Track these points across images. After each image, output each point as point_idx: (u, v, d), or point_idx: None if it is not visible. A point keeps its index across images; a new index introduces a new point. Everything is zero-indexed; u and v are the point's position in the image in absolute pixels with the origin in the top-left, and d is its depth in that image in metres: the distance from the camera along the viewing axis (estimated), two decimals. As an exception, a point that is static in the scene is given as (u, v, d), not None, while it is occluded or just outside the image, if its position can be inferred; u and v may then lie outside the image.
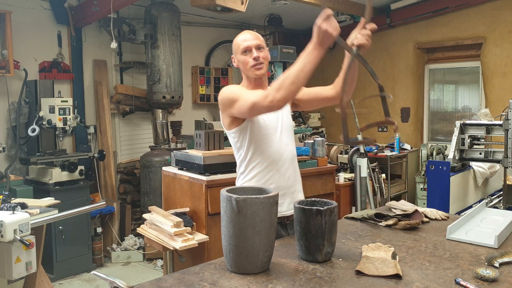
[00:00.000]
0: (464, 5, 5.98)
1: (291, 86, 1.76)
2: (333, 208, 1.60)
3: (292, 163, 2.14)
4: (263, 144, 2.05)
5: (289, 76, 1.76)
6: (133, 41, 5.24)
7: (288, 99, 1.82)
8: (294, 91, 1.79)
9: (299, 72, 1.74)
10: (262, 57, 2.05)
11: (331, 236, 1.59)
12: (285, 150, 2.10)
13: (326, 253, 1.59)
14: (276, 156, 2.06)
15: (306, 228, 1.58)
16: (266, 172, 2.06)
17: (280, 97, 1.79)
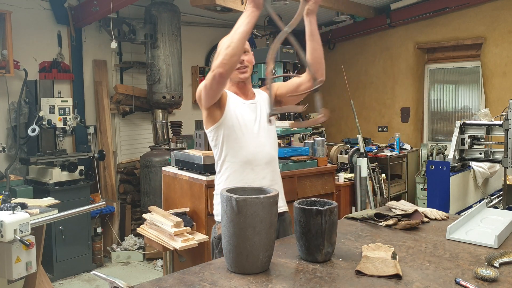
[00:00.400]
0: (464, 5, 5.98)
1: (226, 49, 1.79)
2: (333, 208, 1.60)
3: (269, 165, 2.10)
4: (237, 144, 2.04)
5: (225, 42, 1.82)
6: (133, 41, 5.24)
7: (226, 63, 1.80)
8: (230, 54, 1.79)
9: (233, 34, 1.80)
10: (246, 60, 2.08)
11: (331, 236, 1.59)
12: (261, 151, 2.07)
13: (326, 253, 1.59)
14: (250, 157, 2.04)
15: (306, 228, 1.58)
16: (239, 172, 2.04)
17: (217, 63, 1.81)
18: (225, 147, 2.06)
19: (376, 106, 7.12)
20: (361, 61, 7.17)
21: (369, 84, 7.14)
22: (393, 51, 6.83)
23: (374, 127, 7.14)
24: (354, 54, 7.21)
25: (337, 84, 7.16)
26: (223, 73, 1.82)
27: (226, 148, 2.06)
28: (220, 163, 2.10)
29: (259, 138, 2.08)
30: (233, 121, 2.03)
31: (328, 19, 6.85)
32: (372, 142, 6.81)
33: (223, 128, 2.04)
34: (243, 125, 2.05)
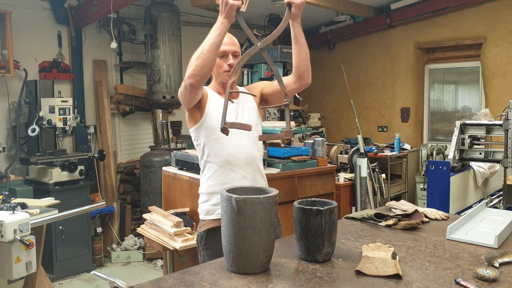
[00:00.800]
0: (464, 5, 5.98)
1: (197, 61, 1.80)
2: (333, 208, 1.60)
3: (250, 165, 2.08)
4: (217, 144, 2.04)
5: (196, 52, 1.82)
6: (133, 41, 5.24)
7: (196, 74, 1.81)
8: (200, 65, 1.80)
9: (204, 46, 1.81)
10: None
11: (331, 236, 1.59)
12: (241, 151, 2.06)
13: (326, 253, 1.59)
14: (230, 158, 2.04)
15: (306, 228, 1.58)
16: (220, 172, 2.05)
17: (189, 73, 1.82)
18: (206, 148, 2.07)
19: (376, 106, 7.12)
20: (361, 61, 7.17)
21: (369, 84, 7.14)
22: (393, 51, 6.83)
23: (374, 127, 7.14)
24: (354, 54, 7.21)
25: (337, 84, 7.16)
26: (194, 84, 1.85)
27: (207, 149, 2.07)
28: (202, 162, 2.12)
29: (239, 138, 2.06)
30: (213, 122, 2.03)
31: (328, 19, 6.85)
32: (372, 142, 6.81)
33: (203, 129, 2.06)
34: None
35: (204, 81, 1.90)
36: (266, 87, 2.18)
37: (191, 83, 1.84)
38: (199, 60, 1.80)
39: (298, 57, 1.99)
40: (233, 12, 1.75)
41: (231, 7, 1.74)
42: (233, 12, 1.75)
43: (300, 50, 1.98)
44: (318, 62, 7.45)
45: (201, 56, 1.80)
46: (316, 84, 2.04)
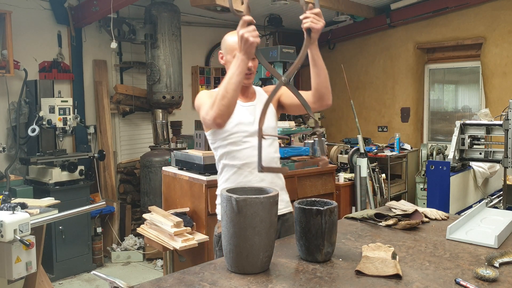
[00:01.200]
0: (464, 5, 5.98)
1: (222, 100, 1.78)
2: (333, 208, 1.60)
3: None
4: (234, 147, 2.03)
5: (219, 91, 1.79)
6: (133, 41, 5.24)
7: (223, 114, 1.80)
8: (226, 105, 1.78)
9: (226, 85, 1.77)
10: (254, 66, 2.04)
11: (331, 236, 1.59)
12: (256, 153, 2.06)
13: (326, 253, 1.59)
14: (247, 160, 2.03)
15: (306, 228, 1.58)
16: (238, 174, 2.04)
17: (214, 113, 1.80)
18: (223, 150, 2.06)
19: (376, 106, 7.12)
20: (361, 61, 7.17)
21: (369, 84, 7.15)
22: (393, 51, 6.83)
23: (374, 127, 7.14)
24: (354, 54, 7.22)
25: (337, 84, 7.15)
26: (221, 123, 1.84)
27: (224, 151, 2.06)
28: (220, 165, 2.11)
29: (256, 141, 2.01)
30: (230, 125, 2.01)
31: (328, 19, 6.85)
32: (372, 142, 6.81)
33: (221, 133, 2.03)
34: (239, 128, 2.04)
35: (229, 118, 1.87)
36: (285, 96, 2.14)
37: (219, 123, 1.83)
38: (225, 100, 1.78)
39: (317, 80, 1.94)
40: (252, 49, 1.70)
41: (251, 45, 1.69)
42: (253, 49, 1.70)
43: (318, 73, 1.92)
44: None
45: (226, 95, 1.77)
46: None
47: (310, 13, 1.73)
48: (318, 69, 1.91)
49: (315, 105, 2.01)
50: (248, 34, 1.68)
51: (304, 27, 1.73)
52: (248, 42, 1.68)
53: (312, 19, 1.72)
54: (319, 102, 2.00)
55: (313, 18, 1.72)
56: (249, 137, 2.04)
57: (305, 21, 1.73)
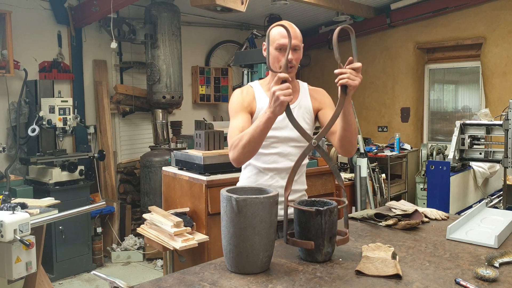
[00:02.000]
0: (464, 5, 5.98)
1: (243, 148, 1.80)
2: (333, 208, 1.60)
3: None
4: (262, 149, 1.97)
5: (243, 138, 1.79)
6: (133, 41, 5.24)
7: (240, 159, 1.85)
8: (246, 153, 1.81)
9: (250, 136, 1.77)
10: (295, 59, 1.95)
11: (331, 237, 1.59)
12: (283, 160, 2.00)
13: (326, 253, 1.59)
14: (273, 165, 2.00)
15: (306, 228, 1.58)
16: (260, 176, 2.03)
17: (232, 156, 1.85)
18: None
19: (376, 106, 7.12)
20: (361, 61, 7.02)
21: (369, 84, 7.14)
22: (393, 51, 6.83)
23: (374, 127, 7.14)
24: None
25: (337, 84, 7.15)
26: (240, 164, 1.91)
27: None
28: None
29: (285, 146, 2.01)
30: None
31: (328, 19, 6.85)
32: (372, 142, 6.82)
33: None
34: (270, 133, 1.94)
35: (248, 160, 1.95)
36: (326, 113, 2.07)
37: (237, 164, 1.90)
38: (246, 148, 1.80)
39: (342, 134, 1.88)
40: (283, 108, 1.65)
41: (281, 104, 1.63)
42: (283, 108, 1.65)
43: (346, 128, 1.85)
44: (318, 62, 7.45)
45: (247, 145, 1.79)
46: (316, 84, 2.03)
47: (348, 68, 1.64)
48: (347, 125, 1.84)
49: (338, 150, 2.00)
50: (281, 92, 1.62)
51: (340, 83, 1.64)
52: (279, 101, 1.63)
53: (349, 75, 1.63)
54: (342, 152, 1.99)
55: (350, 75, 1.64)
56: (277, 143, 2.00)
57: (341, 76, 1.64)
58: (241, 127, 1.90)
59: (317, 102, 2.09)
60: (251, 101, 2.01)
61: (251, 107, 2.00)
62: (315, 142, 1.67)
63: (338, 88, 1.67)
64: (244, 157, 1.84)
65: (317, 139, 1.68)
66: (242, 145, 1.79)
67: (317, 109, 2.08)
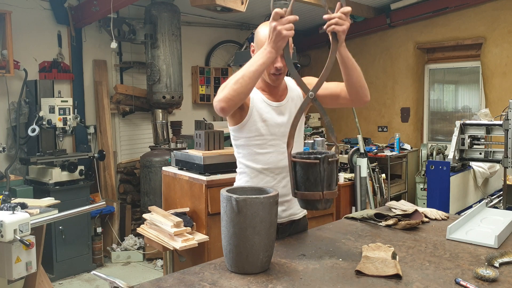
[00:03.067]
0: (464, 5, 5.98)
1: (234, 85, 1.66)
2: (331, 155, 1.56)
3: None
4: (259, 150, 1.94)
5: (235, 75, 1.68)
6: (133, 41, 5.24)
7: (230, 99, 1.67)
8: (237, 90, 1.66)
9: (245, 71, 1.66)
10: (284, 65, 1.89)
11: (330, 184, 1.56)
12: (284, 158, 1.91)
13: (326, 201, 1.56)
14: (272, 165, 1.95)
15: (305, 177, 1.54)
16: (260, 179, 1.95)
17: (221, 96, 1.68)
18: (246, 150, 1.96)
19: (376, 106, 7.11)
20: (361, 61, 7.11)
21: (369, 84, 7.00)
22: (393, 51, 6.83)
23: (374, 127, 7.14)
24: (354, 54, 7.00)
25: (337, 84, 7.15)
26: (226, 108, 1.70)
27: (247, 151, 1.96)
28: (240, 165, 2.03)
29: (283, 144, 1.94)
30: (257, 125, 1.90)
31: (328, 19, 6.85)
32: (372, 142, 6.81)
33: (245, 131, 1.93)
34: (266, 130, 1.93)
35: (236, 106, 1.74)
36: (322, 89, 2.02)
37: (223, 107, 1.69)
38: (237, 85, 1.65)
39: (349, 81, 1.83)
40: (283, 43, 1.60)
41: (283, 39, 1.59)
42: (284, 43, 1.60)
43: (349, 74, 1.80)
44: (318, 62, 7.45)
45: (240, 81, 1.65)
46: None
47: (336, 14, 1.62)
48: (349, 70, 1.79)
49: (353, 103, 1.92)
50: (282, 26, 1.57)
51: (328, 30, 1.62)
52: (281, 35, 1.57)
53: (337, 21, 1.61)
54: (357, 100, 1.90)
55: (338, 19, 1.61)
56: (275, 141, 1.94)
57: (329, 23, 1.61)
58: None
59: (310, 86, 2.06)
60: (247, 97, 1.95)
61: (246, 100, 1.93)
62: (312, 95, 1.64)
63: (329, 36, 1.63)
64: (235, 94, 1.66)
65: (313, 91, 1.64)
66: (235, 81, 1.66)
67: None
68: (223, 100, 1.68)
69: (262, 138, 1.93)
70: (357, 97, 1.87)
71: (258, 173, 1.96)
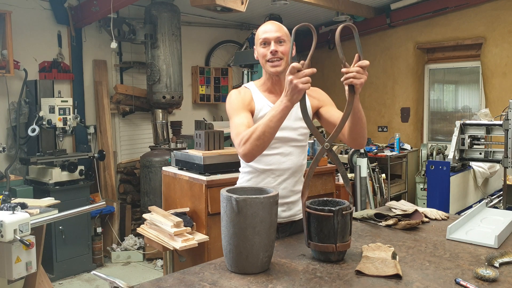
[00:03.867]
0: (464, 5, 5.98)
1: (257, 141, 1.72)
2: (345, 207, 1.59)
3: (294, 176, 2.00)
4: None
5: (256, 130, 1.72)
6: (133, 41, 5.24)
7: (253, 153, 1.75)
8: (260, 145, 1.73)
9: (265, 126, 1.70)
10: (281, 51, 1.91)
11: (343, 236, 1.59)
12: (286, 160, 1.97)
13: (339, 253, 1.60)
14: (273, 167, 1.96)
15: (318, 228, 1.58)
16: (261, 178, 1.98)
17: (246, 151, 1.75)
18: None
19: (376, 106, 7.12)
20: (361, 61, 7.15)
21: (369, 84, 7.14)
22: (393, 51, 6.83)
23: (374, 127, 7.15)
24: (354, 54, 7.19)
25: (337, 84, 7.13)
26: (251, 160, 1.82)
27: None
28: (243, 164, 2.04)
29: (286, 147, 1.98)
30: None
31: (328, 19, 6.85)
32: (372, 142, 6.82)
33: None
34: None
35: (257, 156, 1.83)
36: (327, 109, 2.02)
37: (248, 160, 1.81)
38: (260, 141, 1.71)
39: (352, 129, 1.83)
40: (300, 96, 1.62)
41: (299, 92, 1.60)
42: (300, 96, 1.62)
43: (355, 123, 1.80)
44: (318, 62, 7.45)
45: (261, 137, 1.70)
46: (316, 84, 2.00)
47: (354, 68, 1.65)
48: (356, 120, 1.80)
49: (350, 144, 1.95)
50: (298, 80, 1.59)
51: (346, 83, 1.64)
52: (297, 89, 1.59)
53: (355, 75, 1.64)
54: (352, 145, 1.94)
55: (356, 73, 1.64)
56: (278, 143, 1.95)
57: (346, 76, 1.64)
58: (246, 123, 1.85)
59: (316, 100, 2.04)
60: (250, 100, 1.98)
61: (251, 106, 1.96)
62: (328, 145, 1.65)
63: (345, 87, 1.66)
64: (258, 149, 1.75)
65: (329, 142, 1.65)
66: (256, 137, 1.71)
67: (316, 107, 2.04)
68: (248, 155, 1.77)
69: None
70: (355, 143, 1.90)
71: (260, 173, 1.98)
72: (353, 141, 1.89)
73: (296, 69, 1.60)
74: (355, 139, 1.88)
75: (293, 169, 1.99)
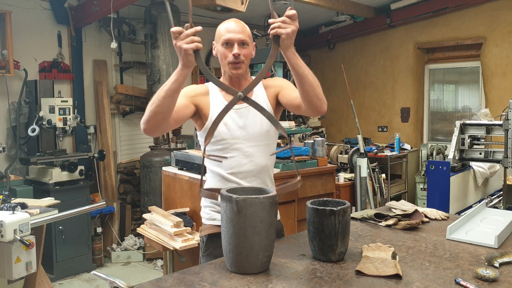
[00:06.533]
0: (464, 5, 5.98)
1: (151, 106, 1.65)
2: (346, 208, 1.60)
3: (257, 177, 1.91)
4: (222, 153, 1.86)
5: (154, 96, 1.66)
6: (133, 41, 5.24)
7: (149, 121, 1.67)
8: (154, 112, 1.64)
9: (159, 91, 1.64)
10: (243, 54, 1.85)
11: (344, 236, 1.60)
12: (248, 162, 1.89)
13: (340, 253, 1.60)
14: (235, 170, 1.88)
15: (320, 228, 1.58)
16: (224, 183, 1.88)
17: (143, 119, 1.69)
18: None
19: (376, 106, 7.12)
20: (361, 61, 7.17)
21: (369, 84, 7.15)
22: (393, 51, 6.83)
23: (374, 127, 7.15)
24: (354, 54, 7.21)
25: (337, 84, 7.16)
26: (147, 129, 1.70)
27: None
28: (208, 170, 1.98)
29: (246, 148, 1.88)
30: (218, 129, 1.81)
31: (328, 19, 6.85)
32: (372, 142, 6.81)
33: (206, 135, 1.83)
34: (227, 134, 1.87)
35: (159, 127, 1.72)
36: (283, 93, 1.93)
37: (144, 129, 1.71)
38: (153, 106, 1.64)
39: (300, 90, 1.72)
40: (189, 57, 1.54)
41: (186, 53, 1.53)
42: (190, 57, 1.54)
43: (300, 82, 1.69)
44: (318, 62, 7.45)
45: (155, 101, 1.64)
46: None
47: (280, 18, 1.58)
48: (300, 78, 1.68)
49: (308, 112, 1.82)
50: (181, 42, 1.53)
51: (271, 34, 1.58)
52: (183, 50, 1.53)
53: (280, 24, 1.57)
54: (310, 111, 1.79)
55: (282, 23, 1.58)
56: (238, 144, 1.88)
57: (272, 26, 1.58)
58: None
59: (272, 88, 1.96)
60: (201, 95, 1.91)
61: (198, 101, 1.89)
62: (241, 95, 1.57)
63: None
64: (151, 118, 1.66)
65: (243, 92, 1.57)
66: (151, 102, 1.65)
67: (275, 95, 1.95)
68: (143, 122, 1.69)
69: (225, 142, 1.88)
70: (311, 107, 1.75)
71: (222, 178, 1.90)
72: (309, 105, 1.74)
73: (177, 33, 1.54)
74: (309, 102, 1.73)
75: (255, 170, 1.90)
